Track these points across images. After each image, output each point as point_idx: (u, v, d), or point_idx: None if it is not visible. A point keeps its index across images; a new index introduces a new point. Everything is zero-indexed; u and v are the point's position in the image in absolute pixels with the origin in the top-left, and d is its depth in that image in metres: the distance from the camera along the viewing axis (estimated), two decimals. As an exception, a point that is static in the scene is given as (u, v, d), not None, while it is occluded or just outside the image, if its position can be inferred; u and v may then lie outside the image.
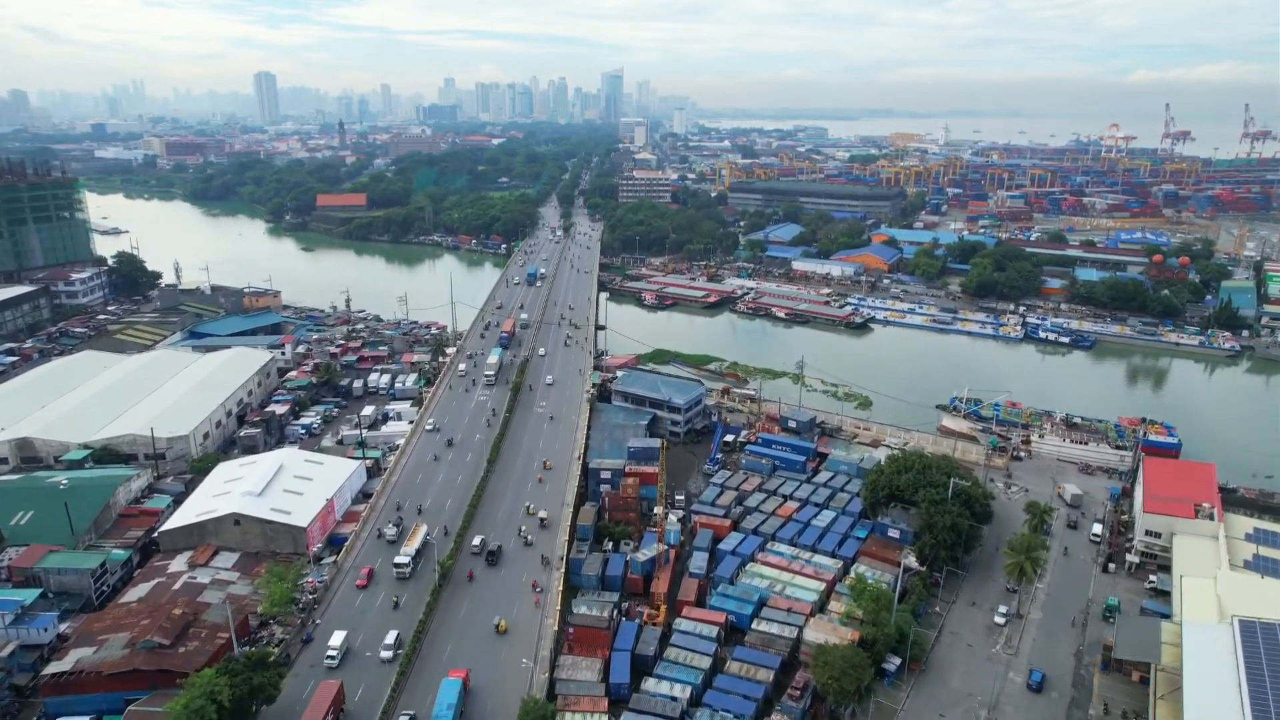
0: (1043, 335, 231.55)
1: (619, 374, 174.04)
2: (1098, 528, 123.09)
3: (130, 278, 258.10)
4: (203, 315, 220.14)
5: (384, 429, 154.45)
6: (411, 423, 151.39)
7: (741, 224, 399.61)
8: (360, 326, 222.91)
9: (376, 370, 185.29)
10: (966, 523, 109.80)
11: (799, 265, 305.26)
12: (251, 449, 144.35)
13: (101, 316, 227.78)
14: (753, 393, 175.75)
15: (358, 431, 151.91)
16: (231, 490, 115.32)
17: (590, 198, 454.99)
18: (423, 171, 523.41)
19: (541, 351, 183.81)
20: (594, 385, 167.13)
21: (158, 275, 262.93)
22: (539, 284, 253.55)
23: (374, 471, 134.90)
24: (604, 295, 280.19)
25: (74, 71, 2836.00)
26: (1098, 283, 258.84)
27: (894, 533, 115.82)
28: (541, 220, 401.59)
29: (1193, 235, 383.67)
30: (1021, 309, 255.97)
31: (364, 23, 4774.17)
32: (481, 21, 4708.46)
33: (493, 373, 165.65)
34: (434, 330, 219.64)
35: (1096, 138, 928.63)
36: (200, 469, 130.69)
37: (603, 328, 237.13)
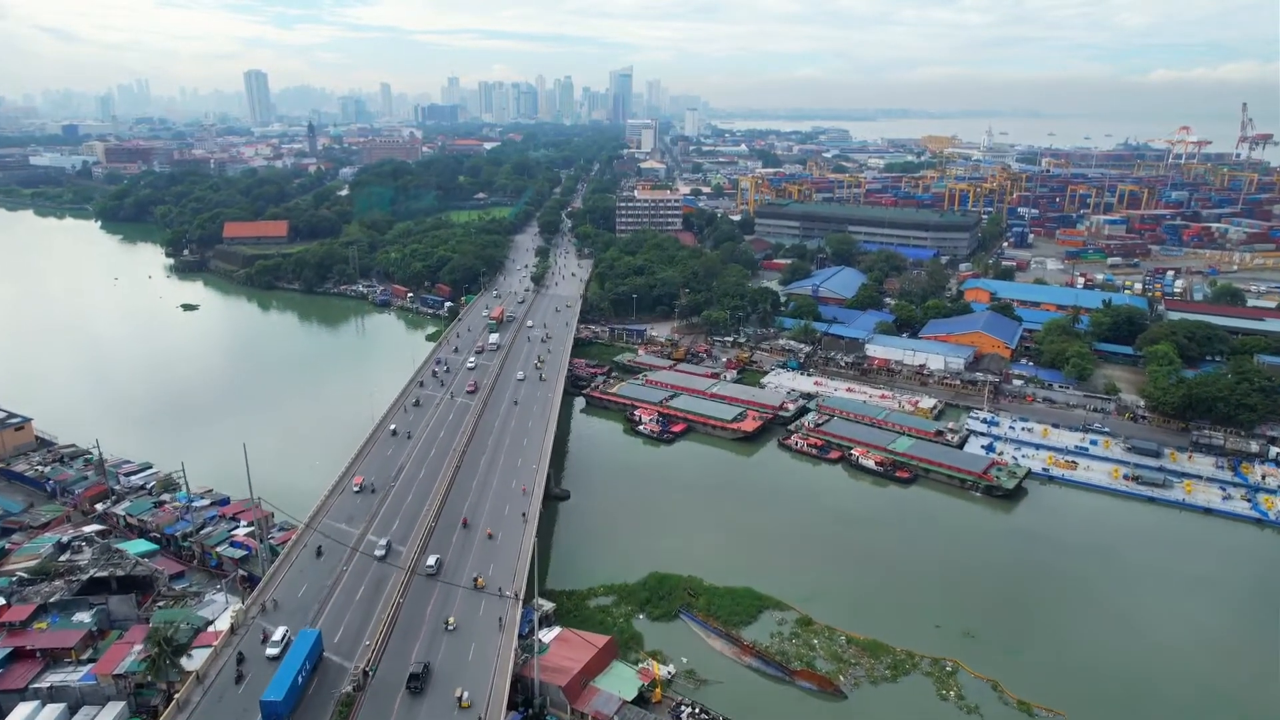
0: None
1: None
2: None
3: None
4: None
5: None
6: None
7: (777, 259, 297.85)
8: (103, 528, 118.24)
9: (39, 695, 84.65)
10: None
11: (876, 351, 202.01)
12: None
13: None
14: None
15: None
16: None
17: (580, 224, 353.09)
18: (368, 190, 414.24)
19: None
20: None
21: None
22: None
23: None
24: (578, 404, 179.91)
25: (87, 71, 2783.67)
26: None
27: None
28: (509, 261, 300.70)
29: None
30: (1275, 451, 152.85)
31: (376, 22, 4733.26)
32: (493, 21, 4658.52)
33: None
34: (241, 552, 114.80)
35: (1148, 141, 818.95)
36: None
37: (565, 497, 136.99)
